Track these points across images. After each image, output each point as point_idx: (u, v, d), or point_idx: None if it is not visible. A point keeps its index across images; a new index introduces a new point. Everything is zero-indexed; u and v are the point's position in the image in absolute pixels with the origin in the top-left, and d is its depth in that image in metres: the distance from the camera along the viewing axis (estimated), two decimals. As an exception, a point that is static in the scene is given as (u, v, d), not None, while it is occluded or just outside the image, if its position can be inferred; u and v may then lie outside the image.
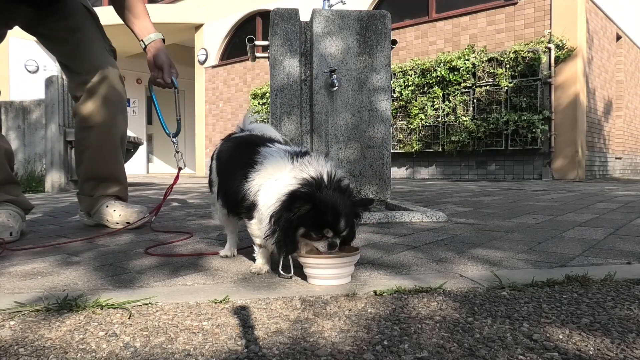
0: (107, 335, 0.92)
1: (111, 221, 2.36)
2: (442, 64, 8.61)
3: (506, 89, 8.09)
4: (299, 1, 8.67)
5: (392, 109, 7.66)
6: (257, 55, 3.14)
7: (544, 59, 7.81)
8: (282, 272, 1.31)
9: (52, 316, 1.02)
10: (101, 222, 2.40)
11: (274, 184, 1.26)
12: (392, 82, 6.43)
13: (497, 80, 8.14)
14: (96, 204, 2.40)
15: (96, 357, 0.82)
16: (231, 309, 1.07)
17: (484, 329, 0.93)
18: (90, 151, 2.36)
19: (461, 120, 8.47)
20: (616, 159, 10.47)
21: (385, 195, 2.84)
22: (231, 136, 1.65)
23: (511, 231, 2.17)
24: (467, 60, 8.37)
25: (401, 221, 2.52)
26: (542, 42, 8.00)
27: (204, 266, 1.52)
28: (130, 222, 2.35)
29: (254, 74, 12.56)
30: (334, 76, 2.69)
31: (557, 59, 7.91)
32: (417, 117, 8.93)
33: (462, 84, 8.48)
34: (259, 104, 11.62)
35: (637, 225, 2.32)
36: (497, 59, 8.15)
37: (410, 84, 8.98)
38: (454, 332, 0.92)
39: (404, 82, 9.06)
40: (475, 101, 8.42)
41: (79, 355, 0.83)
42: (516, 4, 8.42)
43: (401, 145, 9.22)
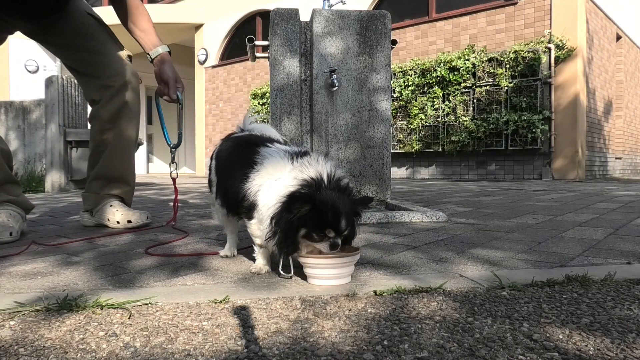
0: (107, 335, 0.92)
1: (112, 220, 2.37)
2: (442, 64, 8.61)
3: (506, 89, 8.09)
4: (299, 1, 8.67)
5: (392, 109, 7.67)
6: (257, 55, 3.14)
7: (544, 59, 7.81)
8: (282, 272, 1.31)
9: (52, 316, 1.02)
10: (102, 221, 2.41)
11: (274, 184, 1.26)
12: (392, 82, 6.43)
13: (497, 80, 8.14)
14: (100, 202, 2.42)
15: (96, 357, 0.82)
16: (231, 309, 1.07)
17: (484, 329, 0.93)
18: (106, 152, 2.38)
19: (461, 120, 8.47)
20: (616, 159, 10.47)
21: (385, 195, 2.84)
22: (231, 136, 1.65)
23: (511, 231, 2.17)
24: (467, 60, 8.37)
25: (401, 221, 2.52)
26: (542, 42, 8.00)
27: (204, 266, 1.52)
28: (131, 221, 2.36)
29: (254, 74, 12.56)
30: (334, 76, 2.69)
31: (557, 59, 7.91)
32: (417, 117, 8.93)
33: (462, 84, 8.48)
34: (259, 104, 11.62)
35: (637, 225, 2.32)
36: (497, 59, 8.15)
37: (410, 84, 8.98)
38: (454, 332, 0.92)
39: (404, 82, 9.07)
40: (475, 101, 8.42)
41: (79, 355, 0.83)
42: (516, 4, 8.42)
43: (401, 145, 9.22)
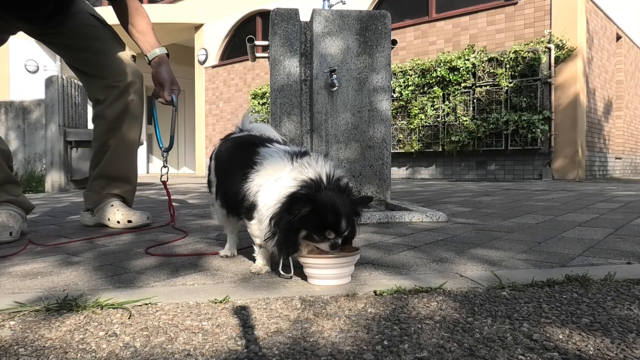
0: (107, 335, 0.92)
1: (112, 220, 2.37)
2: (442, 64, 8.61)
3: (506, 89, 8.09)
4: (299, 1, 8.67)
5: (392, 109, 7.67)
6: (257, 55, 3.14)
7: (544, 59, 7.81)
8: (282, 272, 1.31)
9: (52, 316, 1.02)
10: (102, 220, 2.41)
11: (274, 185, 1.26)
12: (392, 82, 6.43)
13: (497, 80, 8.14)
14: (101, 202, 2.42)
15: (96, 357, 0.82)
16: (231, 309, 1.07)
17: (484, 329, 0.93)
18: (110, 151, 2.38)
19: (461, 120, 8.47)
20: (616, 159, 10.47)
21: (385, 195, 2.84)
22: (230, 136, 1.65)
23: (511, 231, 2.17)
24: (467, 60, 8.37)
25: (401, 221, 2.52)
26: (542, 42, 8.00)
27: (204, 266, 1.52)
28: (131, 221, 2.36)
29: (254, 74, 12.56)
30: (334, 76, 2.69)
31: (557, 59, 7.91)
32: (417, 117, 8.93)
33: (462, 84, 8.48)
34: (259, 104, 11.62)
35: (637, 225, 2.32)
36: (497, 59, 8.15)
37: (410, 84, 8.98)
38: (454, 332, 0.92)
39: (404, 82, 9.06)
40: (475, 101, 8.42)
41: (79, 355, 0.83)
42: (516, 4, 8.42)
43: (401, 145, 9.22)
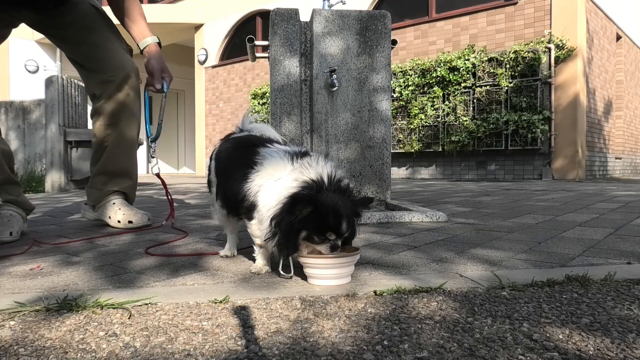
0: (107, 335, 0.92)
1: (113, 219, 2.36)
2: (442, 64, 8.61)
3: (506, 89, 8.09)
4: (299, 1, 8.67)
5: (392, 109, 7.67)
6: (257, 55, 3.14)
7: (544, 59, 7.81)
8: (282, 272, 1.31)
9: (52, 316, 1.02)
10: (102, 217, 2.41)
11: (274, 185, 1.26)
12: (392, 82, 6.43)
13: (497, 80, 8.14)
14: (103, 199, 2.42)
15: (96, 357, 0.82)
16: (231, 309, 1.07)
17: (484, 329, 0.93)
18: (110, 147, 2.37)
19: (461, 120, 8.47)
20: (616, 159, 10.47)
21: (385, 195, 2.84)
22: (230, 136, 1.65)
23: (511, 231, 2.17)
24: (467, 60, 8.37)
25: (401, 221, 2.52)
26: (542, 42, 8.00)
27: (204, 266, 1.52)
28: (132, 222, 2.35)
29: (254, 74, 12.56)
30: (334, 76, 2.70)
31: (557, 59, 7.91)
32: (417, 117, 8.93)
33: (462, 84, 8.48)
34: (259, 104, 11.62)
35: (637, 225, 2.32)
36: (497, 59, 8.15)
37: (410, 84, 8.98)
38: (454, 332, 0.92)
39: (404, 82, 9.06)
40: (475, 101, 8.42)
41: (79, 355, 0.83)
42: (516, 4, 8.42)
43: (401, 145, 9.22)
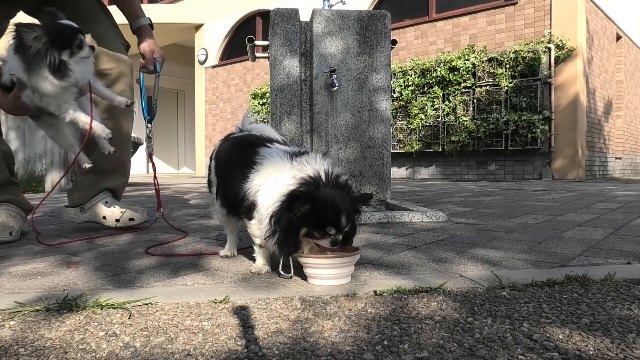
0: (107, 335, 0.92)
1: (109, 218, 2.30)
2: (442, 64, 8.61)
3: (506, 89, 8.09)
4: (299, 1, 8.67)
5: (392, 109, 7.66)
6: (257, 55, 3.14)
7: (544, 59, 7.81)
8: (282, 272, 1.31)
9: (52, 316, 1.02)
10: (95, 219, 2.32)
11: (274, 184, 1.26)
12: (392, 82, 6.43)
13: (497, 80, 8.14)
14: (93, 197, 2.32)
15: (96, 357, 0.82)
16: (231, 309, 1.07)
17: (484, 329, 0.93)
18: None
19: (461, 120, 8.47)
20: (616, 159, 10.47)
21: (385, 195, 2.84)
22: (230, 136, 1.65)
23: (511, 231, 2.17)
24: (467, 60, 8.37)
25: (401, 221, 2.52)
26: (542, 42, 8.00)
27: (204, 266, 1.52)
28: (134, 219, 2.34)
29: (254, 74, 12.56)
30: (334, 76, 2.70)
31: (557, 59, 7.91)
32: (417, 117, 8.93)
33: (462, 84, 8.48)
34: (259, 104, 11.62)
35: (637, 225, 2.32)
36: (497, 59, 8.15)
37: (410, 84, 8.98)
38: (454, 332, 0.92)
39: (404, 82, 9.07)
40: (475, 101, 8.42)
41: (79, 355, 0.83)
42: (516, 4, 8.42)
43: (401, 145, 9.22)
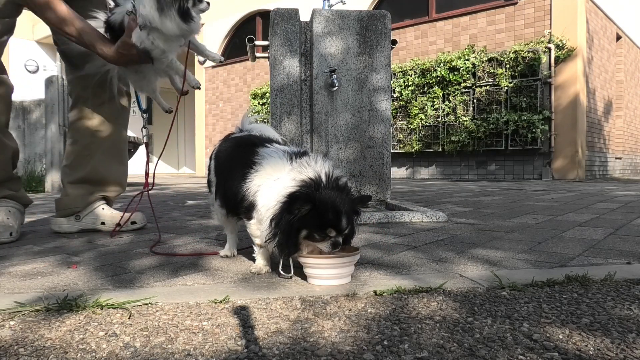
0: (107, 335, 0.92)
1: (109, 223, 2.30)
2: (442, 64, 8.61)
3: (506, 89, 8.09)
4: (299, 1, 8.67)
5: (392, 109, 7.67)
6: (257, 55, 3.14)
7: (544, 59, 7.81)
8: (282, 272, 1.31)
9: (52, 316, 1.02)
10: (93, 226, 2.30)
11: (273, 185, 1.26)
12: (392, 82, 6.43)
13: (497, 80, 8.14)
14: (92, 205, 2.31)
15: (96, 357, 0.82)
16: (231, 309, 1.07)
17: (484, 329, 0.93)
18: (98, 154, 2.29)
19: (461, 120, 8.47)
20: (616, 159, 10.47)
21: (385, 195, 2.84)
22: (230, 136, 1.65)
23: (511, 231, 2.17)
24: (467, 60, 8.37)
25: (401, 221, 2.52)
26: (542, 42, 8.00)
27: (204, 266, 1.52)
28: (136, 222, 2.34)
29: (254, 74, 12.56)
30: (334, 76, 2.69)
31: (557, 59, 7.91)
32: (417, 117, 8.93)
33: (462, 84, 8.48)
34: (259, 104, 11.62)
35: (637, 225, 2.32)
36: (497, 59, 8.15)
37: (410, 84, 8.98)
38: (454, 332, 0.92)
39: (404, 82, 9.06)
40: (475, 101, 8.42)
41: (79, 355, 0.83)
42: (516, 4, 8.42)
43: (401, 145, 9.22)
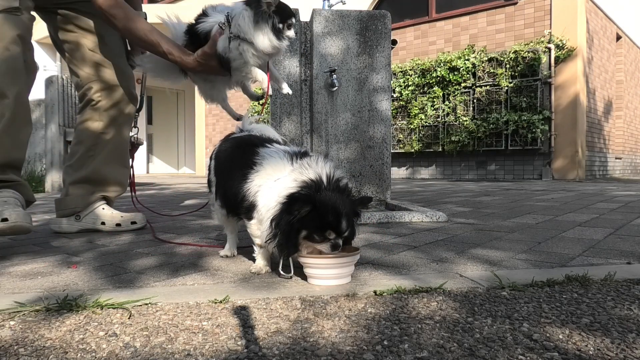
0: (107, 335, 0.92)
1: (109, 223, 2.29)
2: (442, 64, 8.61)
3: (506, 89, 8.09)
4: (299, 1, 8.67)
5: (392, 109, 7.67)
6: (257, 55, 3.14)
7: (544, 59, 7.81)
8: (282, 272, 1.31)
9: (52, 316, 1.02)
10: (93, 225, 2.30)
11: (274, 185, 1.26)
12: (392, 82, 6.43)
13: (497, 80, 8.14)
14: (92, 205, 2.30)
15: (96, 357, 0.82)
16: (231, 309, 1.07)
17: (484, 329, 0.93)
18: (101, 156, 2.29)
19: (461, 120, 8.47)
20: (616, 159, 10.47)
21: (385, 195, 2.84)
22: (230, 136, 1.65)
23: (511, 231, 2.17)
24: (467, 60, 8.37)
25: (401, 221, 2.52)
26: (542, 42, 8.00)
27: (204, 266, 1.52)
28: (136, 222, 2.34)
29: (254, 74, 12.54)
30: (334, 76, 2.70)
31: (557, 59, 7.91)
32: (417, 117, 8.93)
33: (462, 84, 8.48)
34: (259, 104, 11.62)
35: (637, 225, 2.32)
36: (497, 59, 8.15)
37: (410, 84, 8.98)
38: (454, 332, 0.92)
39: (404, 82, 9.06)
40: (475, 101, 8.42)
41: (79, 355, 0.83)
42: (516, 4, 8.42)
43: (401, 145, 9.22)
